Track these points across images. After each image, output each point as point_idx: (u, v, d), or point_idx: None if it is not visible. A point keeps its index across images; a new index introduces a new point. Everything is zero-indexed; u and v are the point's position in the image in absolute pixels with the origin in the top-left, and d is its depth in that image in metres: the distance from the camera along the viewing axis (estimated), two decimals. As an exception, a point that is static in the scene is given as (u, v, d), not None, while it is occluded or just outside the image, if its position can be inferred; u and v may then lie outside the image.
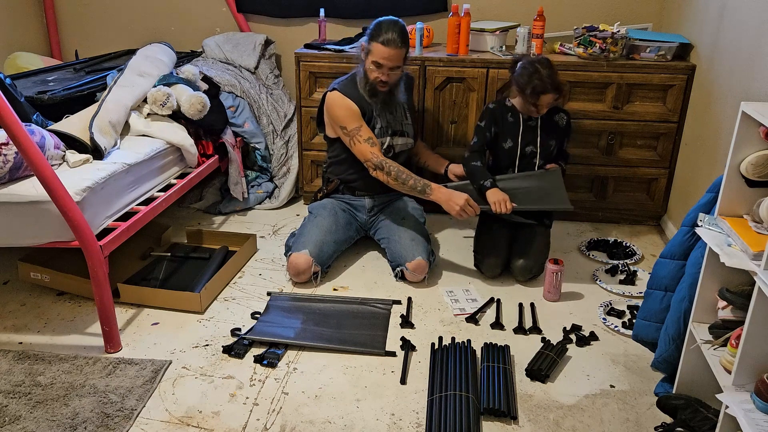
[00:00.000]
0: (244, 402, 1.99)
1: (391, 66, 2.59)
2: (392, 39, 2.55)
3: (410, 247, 2.66)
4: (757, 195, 1.70)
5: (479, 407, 1.93)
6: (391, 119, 2.78)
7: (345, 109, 2.66)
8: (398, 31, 2.57)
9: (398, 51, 2.57)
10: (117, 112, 2.61)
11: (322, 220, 2.75)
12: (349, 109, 2.66)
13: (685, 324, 1.89)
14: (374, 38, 2.57)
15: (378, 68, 2.60)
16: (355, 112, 2.67)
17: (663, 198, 3.23)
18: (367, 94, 2.68)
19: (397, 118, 2.80)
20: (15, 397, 1.97)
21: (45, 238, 2.14)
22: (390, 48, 2.55)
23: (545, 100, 2.60)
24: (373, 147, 2.64)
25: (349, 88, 2.70)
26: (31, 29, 3.89)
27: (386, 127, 2.77)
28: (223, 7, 3.81)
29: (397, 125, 2.80)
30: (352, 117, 2.66)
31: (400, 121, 2.82)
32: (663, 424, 1.89)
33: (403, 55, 2.61)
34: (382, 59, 2.57)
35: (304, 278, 2.64)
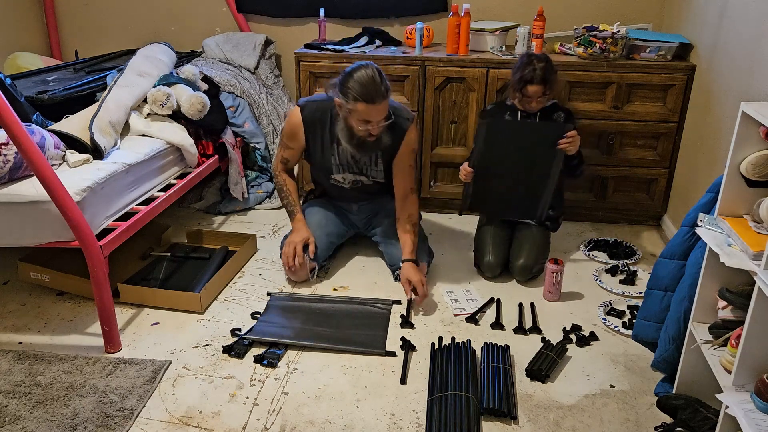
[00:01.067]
0: (244, 402, 1.99)
1: (380, 119, 2.42)
2: (374, 93, 2.32)
3: None
4: (757, 195, 1.70)
5: (479, 407, 1.93)
6: (352, 161, 2.65)
7: (290, 128, 2.63)
8: (381, 81, 2.34)
9: (385, 102, 2.38)
10: (117, 112, 2.61)
11: (312, 217, 2.77)
12: (292, 127, 2.62)
13: (685, 324, 1.89)
14: (352, 96, 2.34)
15: (367, 125, 2.41)
16: (295, 135, 2.63)
17: (663, 198, 3.23)
18: (353, 146, 2.51)
19: (360, 162, 2.65)
20: (15, 397, 1.97)
21: (45, 238, 2.14)
22: (377, 104, 2.34)
23: (531, 90, 2.60)
24: (281, 164, 2.73)
25: (314, 113, 2.58)
26: (31, 29, 3.89)
27: (345, 165, 2.66)
28: (223, 7, 3.81)
29: (359, 167, 2.67)
30: (290, 136, 2.65)
31: (365, 165, 2.67)
32: (663, 424, 1.89)
33: (386, 106, 2.40)
34: (369, 116, 2.38)
35: (301, 275, 2.64)
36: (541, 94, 2.62)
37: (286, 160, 2.73)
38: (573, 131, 2.57)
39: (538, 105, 2.66)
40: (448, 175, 3.33)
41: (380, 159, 2.66)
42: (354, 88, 2.33)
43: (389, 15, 3.63)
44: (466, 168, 2.70)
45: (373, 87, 2.32)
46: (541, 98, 2.64)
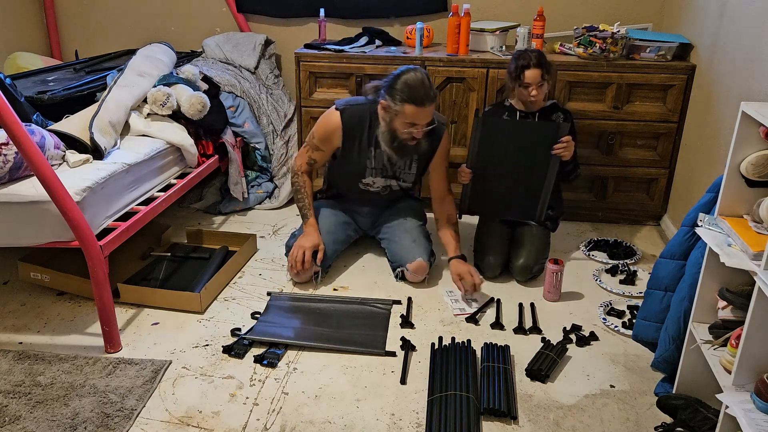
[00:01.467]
0: (244, 402, 1.99)
1: (426, 122, 2.47)
2: (424, 96, 2.37)
3: (411, 248, 2.66)
4: (757, 195, 1.70)
5: (479, 407, 1.93)
6: (388, 165, 2.68)
7: (328, 130, 2.60)
8: (429, 83, 2.40)
9: (432, 106, 2.43)
10: (117, 112, 2.61)
11: (322, 221, 2.75)
12: (328, 133, 2.60)
13: (685, 324, 1.89)
14: (401, 99, 2.38)
15: (412, 127, 2.44)
16: (332, 140, 2.61)
17: (663, 198, 3.23)
18: (393, 149, 2.53)
19: (396, 165, 2.69)
20: (15, 397, 1.97)
21: (45, 238, 2.14)
22: (426, 107, 2.39)
23: (530, 76, 2.60)
24: (307, 165, 2.69)
25: (354, 118, 2.58)
26: (31, 29, 3.89)
27: (380, 169, 2.68)
28: (223, 7, 3.81)
29: (393, 171, 2.71)
30: (324, 139, 2.62)
31: (399, 169, 2.71)
32: (663, 424, 1.89)
33: (435, 105, 2.47)
34: (417, 119, 2.42)
35: (304, 278, 2.65)
36: (540, 79, 2.61)
37: (314, 161, 2.68)
38: (568, 137, 2.59)
39: (538, 95, 2.64)
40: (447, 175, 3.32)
41: (414, 162, 2.70)
42: (403, 90, 2.37)
43: (389, 15, 3.63)
44: (464, 169, 2.71)
45: (423, 90, 2.37)
46: (540, 87, 2.62)
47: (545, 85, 2.66)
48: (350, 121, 2.58)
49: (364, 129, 2.60)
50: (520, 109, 2.77)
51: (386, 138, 2.53)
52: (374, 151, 2.63)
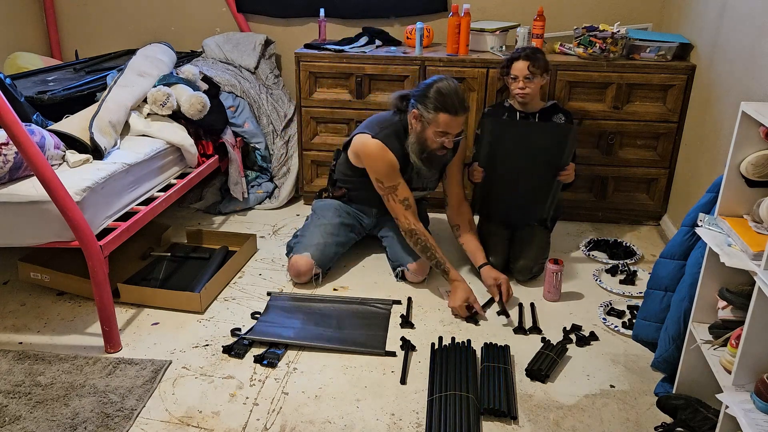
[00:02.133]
0: (244, 402, 1.99)
1: (457, 132, 2.46)
2: (457, 105, 2.38)
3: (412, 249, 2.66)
4: (757, 195, 1.70)
5: (479, 407, 1.93)
6: (415, 177, 2.66)
7: (386, 164, 2.52)
8: (460, 92, 2.42)
9: (465, 116, 2.44)
10: (117, 112, 2.61)
11: (326, 222, 2.74)
12: (391, 165, 2.51)
13: (685, 324, 1.89)
14: (435, 107, 2.38)
15: (444, 136, 2.44)
16: (396, 168, 2.52)
17: (663, 198, 3.23)
18: (423, 160, 2.53)
19: (422, 177, 2.69)
20: (15, 397, 1.97)
21: (45, 238, 2.14)
22: (459, 116, 2.40)
23: (517, 67, 2.62)
24: (408, 210, 2.53)
25: (391, 141, 2.53)
26: (31, 29, 3.89)
27: (407, 181, 2.62)
28: (223, 7, 3.81)
29: (419, 182, 2.71)
30: (392, 174, 2.53)
31: (425, 179, 2.72)
32: (663, 424, 1.89)
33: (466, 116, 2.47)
34: (450, 128, 2.42)
35: (304, 280, 2.64)
36: (527, 72, 2.61)
37: (407, 200, 2.54)
38: (572, 164, 2.65)
39: (526, 89, 2.64)
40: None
41: (437, 169, 2.71)
42: (437, 99, 2.37)
43: (389, 15, 3.63)
44: (476, 168, 2.71)
45: (456, 99, 2.38)
46: (528, 81, 2.63)
47: (536, 81, 2.65)
48: (393, 145, 2.53)
49: (404, 148, 2.56)
50: (520, 109, 2.77)
51: (416, 149, 2.51)
52: (408, 166, 2.60)
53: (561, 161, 2.63)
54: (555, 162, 2.64)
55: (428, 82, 2.45)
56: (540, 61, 2.65)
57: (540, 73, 2.66)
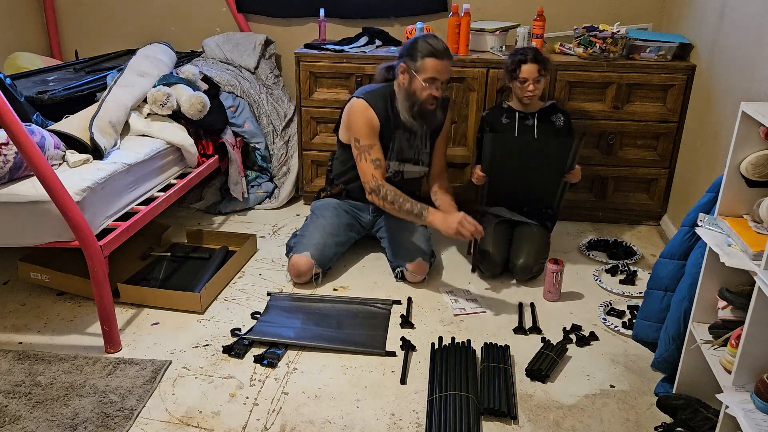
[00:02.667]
0: (244, 402, 1.99)
1: (444, 80, 2.50)
2: (443, 50, 2.45)
3: (411, 247, 2.66)
4: (757, 195, 1.70)
5: (479, 407, 1.93)
6: (406, 146, 2.69)
7: (366, 122, 2.56)
8: (442, 41, 2.48)
9: (450, 61, 2.49)
10: (117, 112, 2.61)
11: (325, 222, 2.74)
12: (370, 123, 2.56)
13: (685, 324, 1.89)
14: (422, 55, 2.44)
15: (432, 84, 2.47)
16: (374, 128, 2.56)
17: (663, 198, 3.23)
18: (413, 115, 2.55)
19: (413, 146, 2.71)
20: (15, 397, 1.97)
21: (45, 238, 2.14)
22: (444, 60, 2.45)
23: (527, 70, 2.62)
24: (377, 170, 2.55)
25: (377, 102, 2.58)
26: (31, 29, 3.89)
27: (399, 151, 2.68)
28: (223, 7, 3.81)
29: (411, 153, 2.72)
30: (369, 132, 2.56)
31: (416, 149, 2.73)
32: (663, 424, 1.89)
33: (452, 65, 2.53)
34: (437, 73, 2.46)
35: (304, 279, 2.64)
36: (537, 74, 2.62)
37: (378, 161, 2.56)
38: (578, 168, 2.65)
39: (535, 90, 2.65)
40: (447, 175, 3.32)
41: (428, 140, 2.75)
42: (423, 47, 2.45)
43: (389, 15, 3.63)
44: (478, 173, 2.71)
45: (441, 45, 2.47)
46: (537, 83, 2.63)
47: (543, 82, 2.66)
48: (377, 104, 2.58)
49: (388, 111, 2.61)
50: (519, 110, 2.77)
51: (406, 105, 2.55)
52: (394, 132, 2.65)
53: (566, 167, 2.63)
54: (560, 168, 2.64)
55: (413, 38, 2.52)
56: (548, 63, 2.69)
57: (546, 74, 2.69)
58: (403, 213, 2.53)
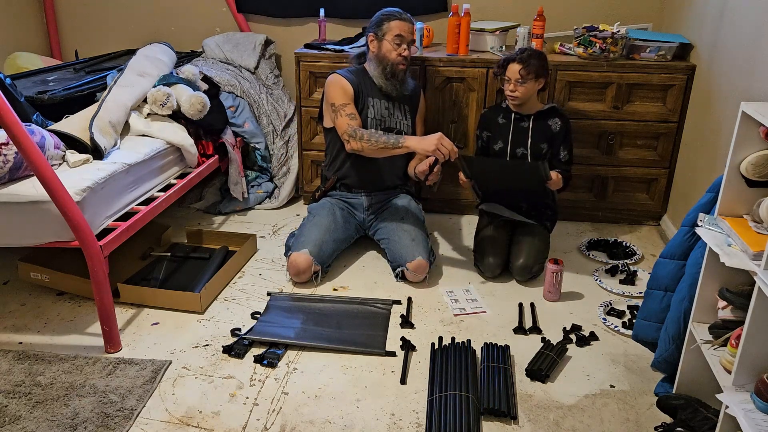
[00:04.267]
0: (244, 402, 1.99)
1: (410, 39, 2.70)
2: (405, 15, 2.71)
3: (410, 247, 2.67)
4: (757, 195, 1.70)
5: (479, 407, 1.93)
6: (386, 113, 2.80)
7: (339, 87, 2.72)
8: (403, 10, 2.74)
9: (413, 25, 2.73)
10: (117, 112, 2.61)
11: (321, 219, 2.75)
12: (343, 88, 2.72)
13: (685, 324, 1.89)
14: (387, 19, 2.68)
15: (400, 43, 2.68)
16: (348, 91, 2.73)
17: (663, 198, 3.23)
18: (386, 78, 2.74)
19: (394, 115, 2.82)
20: (15, 397, 1.97)
21: (45, 238, 2.14)
22: (407, 22, 2.70)
23: (512, 70, 2.62)
24: (353, 120, 2.67)
25: (349, 75, 2.77)
26: (31, 29, 3.89)
27: (380, 120, 2.79)
28: (223, 7, 3.81)
29: (392, 122, 2.82)
30: (343, 95, 2.72)
31: (397, 120, 2.83)
32: (663, 424, 1.89)
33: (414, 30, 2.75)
34: (402, 31, 2.67)
35: (304, 278, 2.64)
36: (519, 76, 2.60)
37: (353, 114, 2.69)
38: (556, 174, 2.62)
39: (516, 92, 2.63)
40: (448, 175, 3.32)
41: (408, 114, 2.87)
42: (385, 14, 2.71)
43: (389, 15, 3.63)
44: (462, 179, 2.74)
45: (401, 10, 2.73)
46: (520, 84, 2.61)
47: (527, 85, 2.62)
48: (349, 77, 2.76)
49: (361, 82, 2.77)
50: (516, 111, 2.77)
51: (378, 71, 2.75)
52: (372, 101, 2.77)
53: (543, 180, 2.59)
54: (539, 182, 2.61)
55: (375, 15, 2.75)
56: (532, 66, 2.59)
57: (533, 77, 2.61)
58: (381, 148, 2.59)
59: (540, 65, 2.62)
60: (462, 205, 3.38)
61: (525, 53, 2.62)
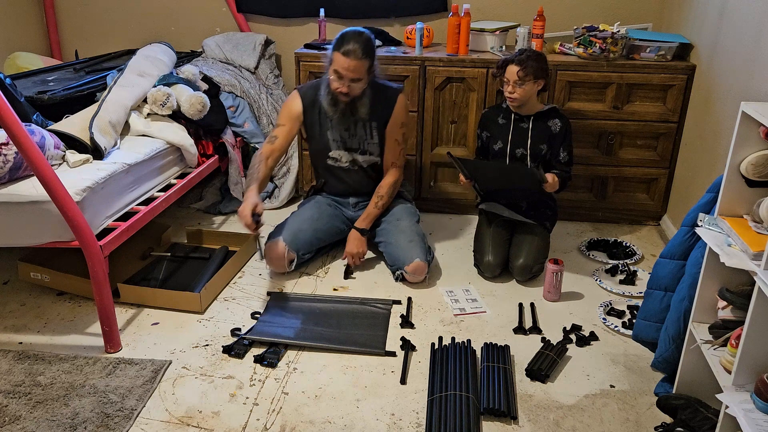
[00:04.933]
0: (244, 402, 1.99)
1: (351, 77, 2.52)
2: (352, 50, 2.48)
3: (408, 249, 2.66)
4: (757, 195, 1.70)
5: (479, 407, 1.93)
6: (346, 135, 2.73)
7: (286, 105, 2.72)
8: (361, 42, 2.50)
9: (358, 62, 2.49)
10: (117, 112, 2.61)
11: (304, 212, 2.80)
12: (289, 109, 2.71)
13: (685, 324, 1.89)
14: (336, 47, 2.51)
15: (338, 78, 2.54)
16: (292, 112, 2.70)
17: (663, 198, 3.23)
18: (328, 103, 2.65)
19: (356, 135, 2.74)
20: (15, 397, 1.97)
21: (45, 238, 2.14)
22: (349, 59, 2.48)
23: (510, 71, 2.61)
24: (267, 144, 2.67)
25: (308, 91, 2.72)
26: (31, 29, 3.89)
27: (340, 140, 2.74)
28: (223, 7, 3.81)
29: (354, 142, 2.75)
30: (286, 114, 2.71)
31: (360, 139, 2.75)
32: (663, 424, 1.90)
33: (364, 67, 2.53)
34: (342, 69, 2.50)
35: (279, 265, 2.66)
36: (517, 78, 2.60)
37: (274, 137, 2.69)
38: (551, 176, 2.62)
39: (514, 93, 2.62)
40: (448, 175, 3.33)
41: (375, 131, 2.74)
42: (338, 40, 2.52)
43: (389, 15, 3.63)
44: (462, 179, 2.75)
45: (351, 41, 2.49)
46: (518, 86, 2.61)
47: (526, 87, 2.61)
48: (307, 93, 2.71)
49: (317, 99, 2.69)
50: (515, 111, 2.76)
51: (325, 93, 2.65)
52: (330, 122, 2.72)
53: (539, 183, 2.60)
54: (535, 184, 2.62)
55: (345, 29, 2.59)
56: (530, 67, 2.58)
57: (531, 79, 2.60)
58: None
59: (538, 66, 2.61)
60: (462, 205, 3.38)
61: (523, 54, 2.61)
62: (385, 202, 2.78)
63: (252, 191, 2.53)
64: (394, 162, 2.81)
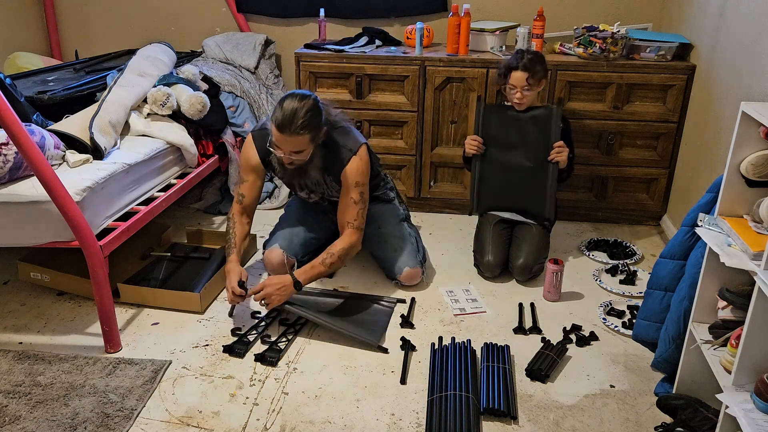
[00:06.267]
0: (244, 402, 1.99)
1: (291, 150, 2.26)
2: (289, 124, 2.18)
3: (395, 260, 2.62)
4: (757, 195, 1.70)
5: (479, 407, 1.93)
6: (309, 182, 2.55)
7: (244, 158, 2.50)
8: (300, 114, 2.19)
9: (295, 138, 2.21)
10: (117, 112, 2.61)
11: (291, 212, 2.78)
12: (246, 159, 2.48)
13: (685, 324, 1.89)
14: (271, 119, 2.23)
15: (277, 149, 2.28)
16: (250, 164, 2.47)
17: (663, 198, 3.23)
18: (277, 162, 2.41)
19: (318, 184, 2.55)
20: (15, 397, 1.97)
21: (45, 238, 2.14)
22: (284, 134, 2.21)
23: (515, 78, 2.61)
24: (236, 204, 2.50)
25: (263, 137, 2.43)
26: (31, 29, 3.89)
27: (304, 185, 2.57)
28: (223, 7, 3.81)
29: (319, 189, 2.58)
30: (245, 167, 2.50)
31: (323, 187, 2.56)
32: (663, 424, 1.90)
33: (304, 141, 2.24)
34: (279, 142, 2.25)
35: (280, 273, 2.63)
36: (525, 83, 2.61)
37: (242, 196, 2.50)
38: (560, 141, 2.63)
39: (523, 98, 2.64)
40: (448, 175, 3.33)
41: (334, 182, 2.51)
42: (276, 111, 2.23)
43: (389, 15, 3.63)
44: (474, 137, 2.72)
45: (288, 118, 2.19)
46: (526, 92, 2.62)
47: (533, 90, 2.64)
48: (262, 141, 2.43)
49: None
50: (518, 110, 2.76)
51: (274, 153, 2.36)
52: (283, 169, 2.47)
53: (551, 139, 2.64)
54: (546, 142, 2.65)
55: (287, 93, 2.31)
56: (538, 72, 2.62)
57: (537, 82, 2.65)
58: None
59: (543, 68, 2.66)
60: (462, 205, 3.38)
61: (526, 58, 2.61)
62: (334, 262, 2.41)
63: (233, 262, 2.40)
64: (351, 222, 2.43)
